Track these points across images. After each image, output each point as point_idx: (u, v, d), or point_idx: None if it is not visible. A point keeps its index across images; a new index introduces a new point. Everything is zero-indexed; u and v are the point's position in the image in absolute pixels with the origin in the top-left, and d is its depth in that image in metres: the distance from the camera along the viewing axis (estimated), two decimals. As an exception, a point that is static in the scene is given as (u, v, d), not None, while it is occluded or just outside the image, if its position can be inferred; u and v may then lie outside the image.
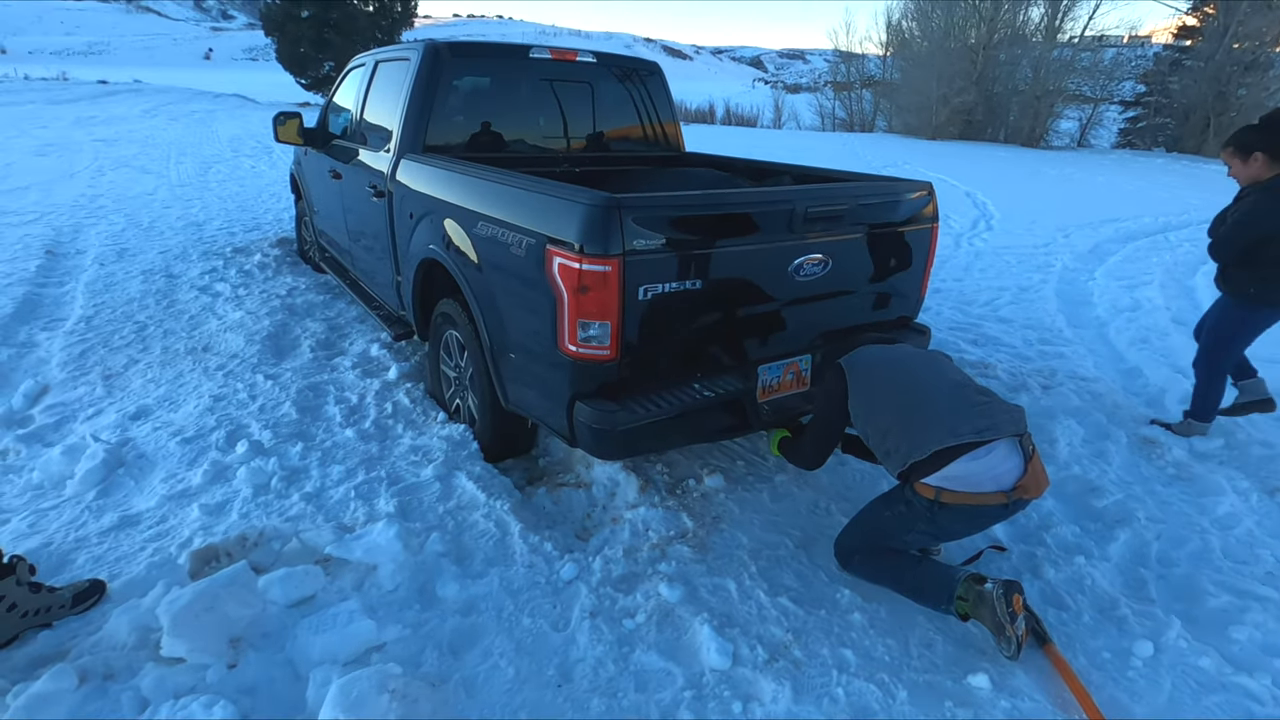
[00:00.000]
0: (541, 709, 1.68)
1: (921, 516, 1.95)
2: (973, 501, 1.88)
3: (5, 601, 1.78)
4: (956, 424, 1.92)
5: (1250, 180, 2.89)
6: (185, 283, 5.02)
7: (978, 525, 2.02)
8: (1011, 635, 1.82)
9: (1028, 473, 1.91)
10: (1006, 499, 1.89)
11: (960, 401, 2.01)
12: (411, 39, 27.50)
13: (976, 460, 1.89)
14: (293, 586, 1.86)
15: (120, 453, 2.81)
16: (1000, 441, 1.93)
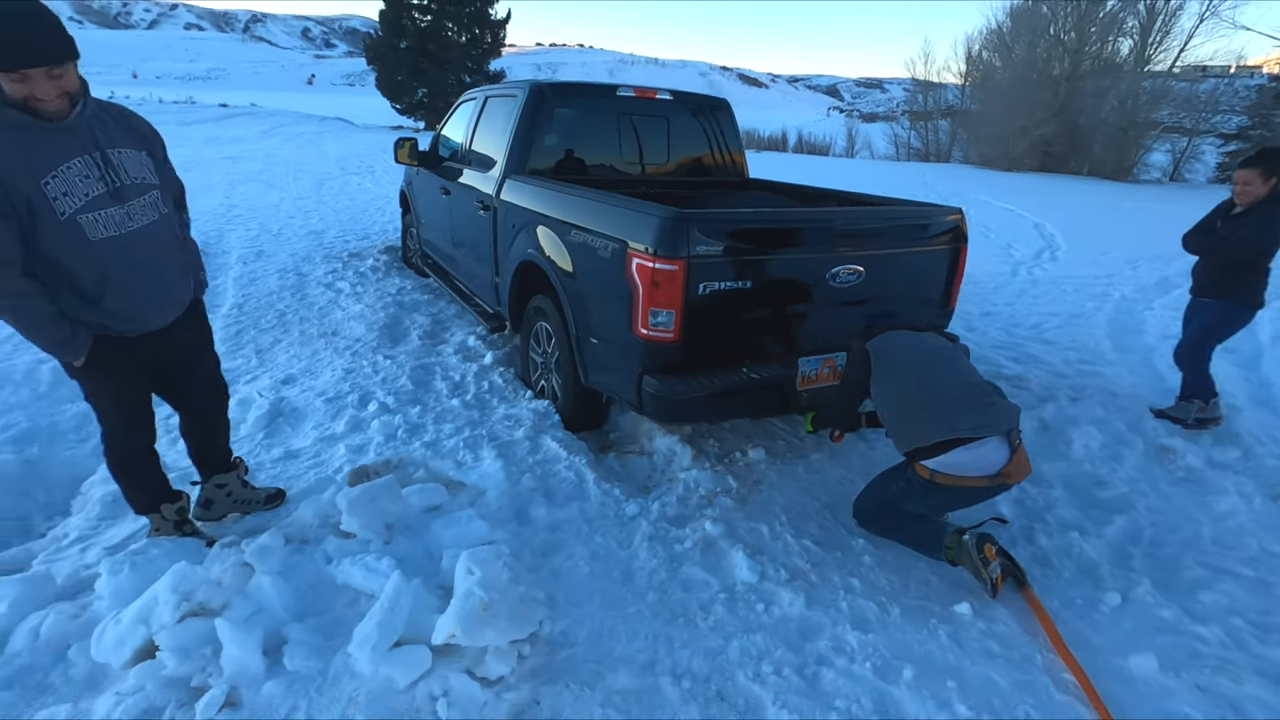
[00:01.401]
0: (609, 594, 2.20)
1: (918, 492, 2.38)
2: (962, 483, 2.31)
3: (226, 489, 2.46)
4: (959, 420, 2.31)
5: (1254, 199, 3.26)
6: (313, 280, 5.87)
7: (965, 501, 2.43)
8: (986, 577, 2.22)
9: (1012, 461, 2.31)
10: (990, 482, 2.31)
11: (966, 400, 2.39)
12: (498, 67, 29.24)
13: (971, 451, 2.29)
14: (426, 497, 2.46)
15: (279, 406, 3.53)
16: (996, 437, 2.32)
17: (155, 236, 2.08)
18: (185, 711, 1.68)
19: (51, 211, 1.83)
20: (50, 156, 1.82)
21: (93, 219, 1.90)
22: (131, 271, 2.02)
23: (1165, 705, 1.90)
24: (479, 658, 1.82)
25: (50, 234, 1.86)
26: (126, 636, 1.84)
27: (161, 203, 2.11)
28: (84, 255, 1.91)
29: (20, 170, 1.78)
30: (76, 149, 1.87)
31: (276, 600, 1.92)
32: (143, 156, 2.05)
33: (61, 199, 1.85)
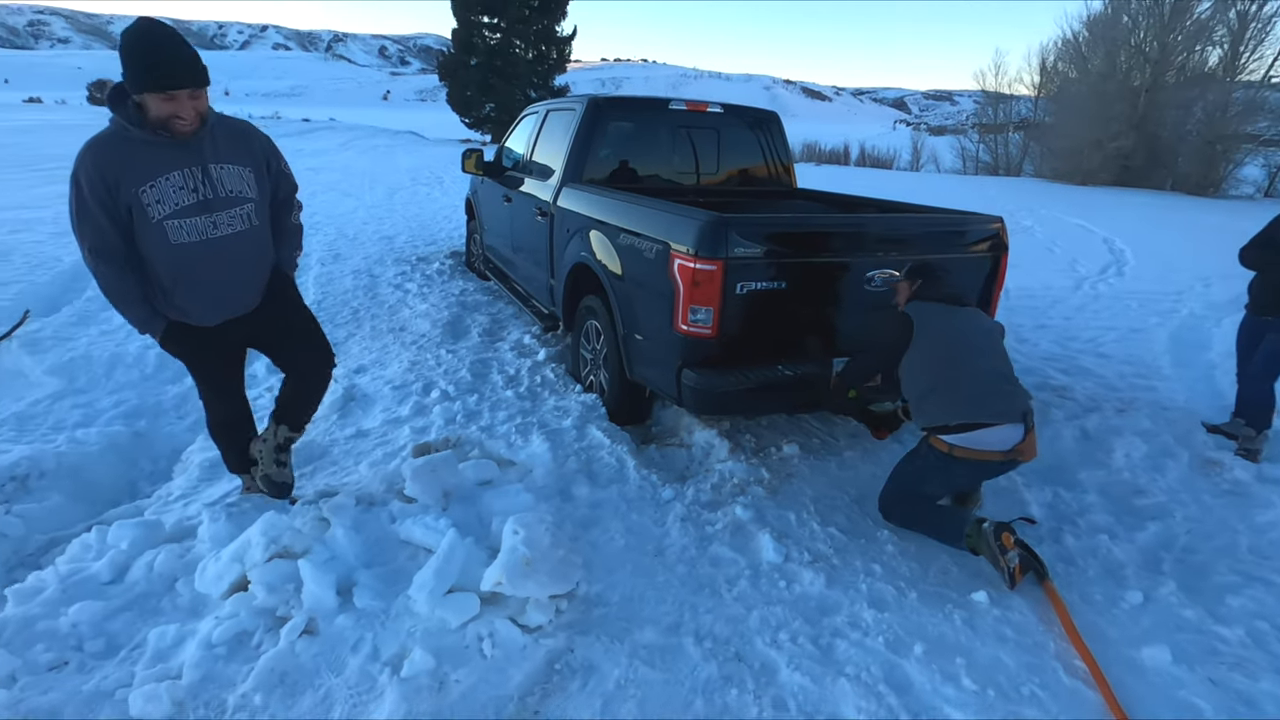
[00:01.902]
0: (641, 565, 2.39)
1: (935, 468, 2.49)
2: (979, 457, 2.41)
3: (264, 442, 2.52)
4: (983, 406, 2.45)
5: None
6: (383, 281, 6.30)
7: (980, 476, 2.54)
8: (1004, 566, 2.30)
9: (1025, 440, 2.43)
10: (1004, 457, 2.42)
11: (991, 388, 2.51)
12: (563, 82, 30.04)
13: (991, 431, 2.41)
14: (479, 472, 2.70)
15: (351, 391, 3.87)
16: (1013, 424, 2.44)
17: (235, 246, 2.26)
18: (271, 636, 1.96)
19: (145, 215, 2.07)
20: (153, 168, 2.06)
21: (177, 225, 2.12)
22: (200, 275, 2.22)
23: (1174, 695, 1.95)
24: (521, 607, 2.03)
25: (143, 233, 2.11)
26: (224, 572, 2.14)
27: (254, 215, 2.30)
28: (164, 255, 2.14)
29: (125, 179, 2.03)
30: (180, 163, 2.09)
31: (348, 549, 2.19)
32: (245, 172, 2.25)
33: (154, 205, 2.08)
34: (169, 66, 1.96)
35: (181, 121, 2.02)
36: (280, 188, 2.47)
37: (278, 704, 1.75)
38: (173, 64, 1.96)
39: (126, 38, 1.96)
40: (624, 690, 1.86)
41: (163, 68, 1.95)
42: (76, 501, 3.19)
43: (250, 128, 2.36)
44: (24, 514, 2.94)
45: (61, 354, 4.42)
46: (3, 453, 3.32)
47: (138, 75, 1.96)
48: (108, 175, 2.01)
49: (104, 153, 2.01)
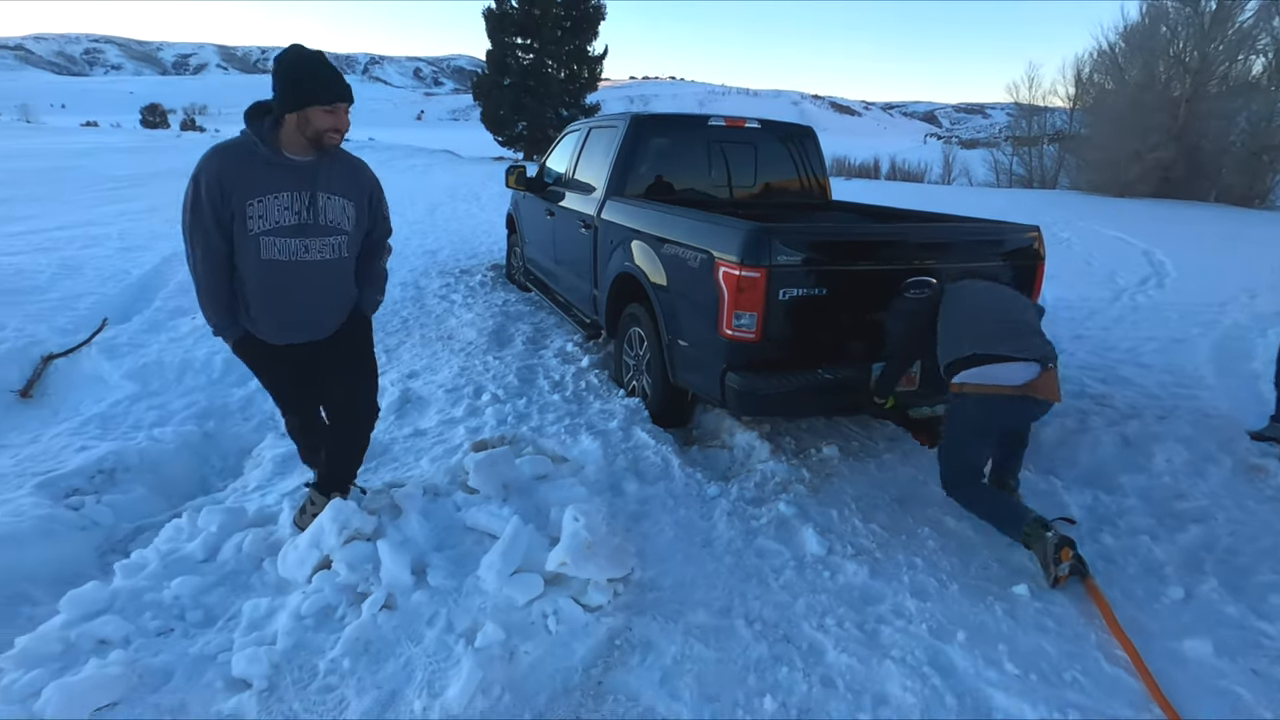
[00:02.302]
0: (691, 555, 2.51)
1: (955, 418, 2.64)
2: (988, 391, 2.54)
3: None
4: (995, 342, 2.60)
5: None
6: (430, 292, 6.55)
7: (996, 413, 2.61)
8: (1053, 573, 2.37)
9: (1041, 378, 2.53)
10: (1016, 391, 2.52)
11: (1008, 328, 2.66)
12: (594, 101, 30.56)
13: (1001, 366, 2.55)
14: (535, 467, 2.86)
15: (407, 394, 4.07)
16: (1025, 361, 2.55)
17: (320, 273, 2.34)
18: (354, 610, 2.12)
19: (245, 226, 2.18)
20: (265, 185, 2.18)
21: (270, 242, 2.22)
22: (279, 294, 2.30)
23: (1216, 684, 2.00)
24: (582, 588, 2.17)
25: (239, 243, 2.21)
26: (304, 558, 2.32)
27: (345, 247, 2.38)
28: (252, 267, 2.24)
29: (238, 188, 2.15)
30: (292, 185, 2.21)
31: (419, 534, 2.36)
32: (349, 206, 2.35)
33: (255, 219, 2.19)
34: (335, 82, 2.14)
35: (336, 135, 2.19)
36: (376, 228, 2.57)
37: (364, 669, 1.91)
38: (336, 80, 2.15)
39: (290, 59, 2.13)
40: (681, 665, 1.98)
41: (330, 83, 2.13)
42: (156, 494, 3.43)
43: (364, 166, 2.48)
44: (112, 504, 3.19)
45: (136, 359, 4.72)
46: (91, 448, 3.59)
47: (305, 89, 2.11)
48: (225, 181, 2.14)
49: (227, 160, 2.15)
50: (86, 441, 3.70)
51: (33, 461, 3.48)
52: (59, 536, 2.85)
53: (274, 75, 2.15)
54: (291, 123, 2.15)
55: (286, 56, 2.15)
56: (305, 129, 2.15)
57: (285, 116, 2.15)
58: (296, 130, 2.16)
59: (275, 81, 2.15)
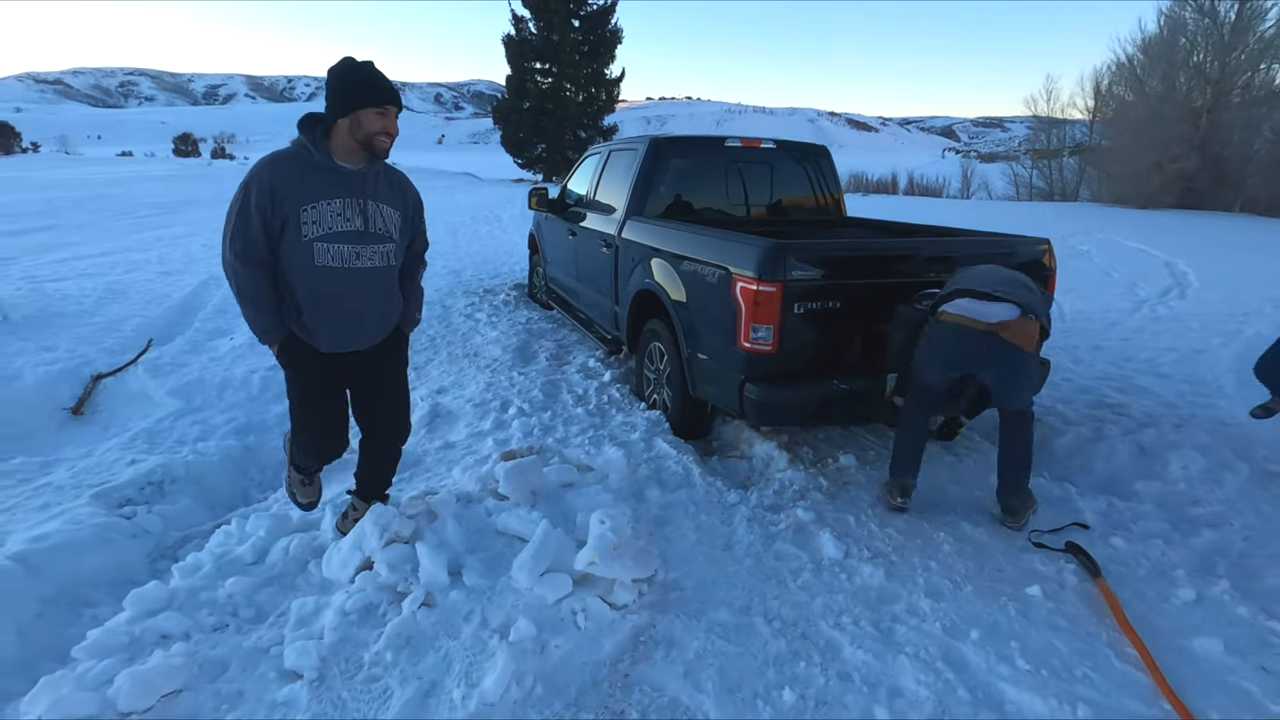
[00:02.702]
0: (712, 557, 2.61)
1: (929, 339, 2.80)
2: (960, 321, 2.69)
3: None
4: (976, 281, 2.76)
5: None
6: (455, 311, 6.75)
7: (964, 345, 2.74)
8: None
9: (1014, 322, 2.65)
10: (986, 328, 2.66)
11: (991, 273, 2.84)
12: (611, 122, 31.04)
13: (978, 302, 2.69)
14: (562, 475, 2.99)
15: (436, 409, 4.23)
16: (1009, 303, 2.67)
17: (370, 281, 2.38)
18: (394, 607, 2.26)
19: (298, 232, 2.21)
20: (318, 191, 2.22)
21: (324, 248, 2.25)
22: (329, 299, 2.31)
23: (1225, 680, 2.06)
24: (609, 588, 2.29)
25: (291, 249, 2.23)
26: (347, 559, 2.46)
27: (393, 255, 2.43)
28: (306, 273, 2.25)
29: (290, 195, 2.19)
30: (345, 192, 2.26)
31: (454, 536, 2.49)
32: (396, 215, 2.41)
33: (310, 225, 2.22)
34: (385, 86, 2.22)
35: (386, 139, 2.25)
36: (416, 240, 2.62)
37: (406, 661, 2.04)
38: (386, 84, 2.23)
39: (343, 66, 2.22)
40: (703, 659, 2.08)
41: (380, 87, 2.21)
42: (201, 504, 3.62)
43: (408, 180, 2.54)
44: (162, 513, 3.37)
45: (180, 378, 4.95)
46: (140, 462, 3.79)
47: (357, 91, 2.19)
48: (278, 188, 2.17)
49: (282, 168, 2.20)
50: (136, 455, 3.91)
51: (87, 474, 3.69)
52: (114, 544, 3.03)
53: (328, 83, 2.25)
54: (344, 127, 2.21)
55: (339, 65, 2.23)
56: (356, 132, 2.20)
57: (338, 122, 2.21)
58: (348, 134, 2.21)
59: (329, 88, 2.24)
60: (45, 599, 2.64)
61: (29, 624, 2.48)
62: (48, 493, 3.45)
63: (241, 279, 2.24)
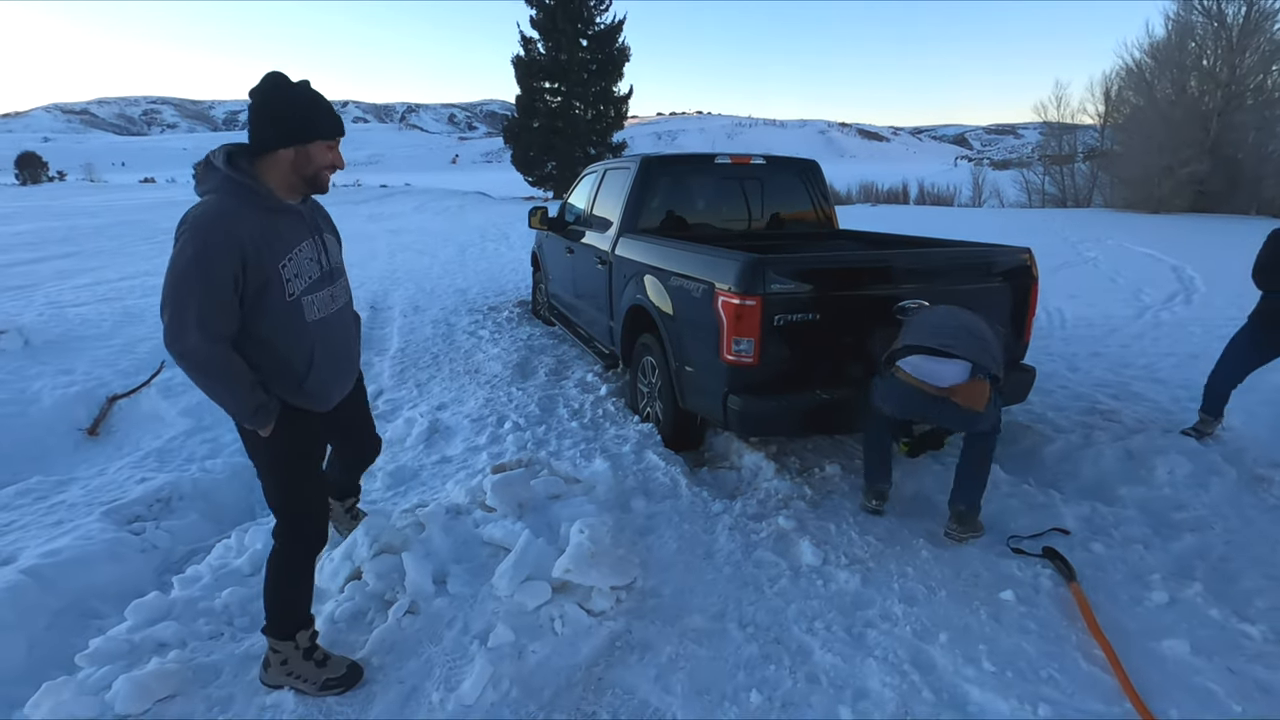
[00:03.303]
0: (692, 565, 2.68)
1: (885, 387, 2.86)
2: (914, 383, 2.73)
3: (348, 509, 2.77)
4: (929, 337, 2.78)
5: None
6: (459, 329, 6.89)
7: (918, 402, 2.81)
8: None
9: (966, 384, 2.69)
10: (937, 393, 2.71)
11: (946, 327, 2.83)
12: (621, 139, 31.38)
13: (932, 362, 2.72)
14: (549, 487, 3.07)
15: (435, 425, 4.34)
16: (961, 362, 2.69)
17: (346, 318, 2.18)
18: (381, 615, 2.35)
19: (282, 292, 1.88)
20: (289, 238, 1.91)
21: (310, 300, 1.97)
22: (331, 352, 2.07)
23: (1190, 681, 2.08)
24: (587, 595, 2.36)
25: (274, 313, 1.88)
26: (338, 569, 2.56)
27: (348, 287, 2.24)
28: (299, 335, 1.94)
29: (265, 250, 1.83)
30: (305, 232, 1.97)
31: (441, 547, 2.58)
32: (335, 244, 2.17)
33: (293, 280, 1.91)
34: (335, 115, 1.92)
35: (332, 172, 1.98)
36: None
37: (390, 665, 2.13)
38: (335, 113, 1.93)
39: (288, 90, 1.87)
40: (675, 663, 2.15)
41: (333, 116, 1.91)
42: (208, 520, 3.73)
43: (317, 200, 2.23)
44: (170, 529, 3.49)
45: (190, 398, 5.10)
46: (150, 479, 3.92)
47: (314, 121, 1.89)
48: (247, 245, 1.80)
49: (239, 220, 1.80)
50: (146, 473, 4.05)
51: (100, 492, 3.83)
52: (123, 558, 3.16)
53: (265, 108, 1.86)
54: (286, 160, 1.88)
55: (280, 87, 1.87)
56: (305, 166, 1.90)
57: (277, 153, 1.87)
58: (291, 169, 1.89)
59: (269, 114, 1.86)
60: (55, 611, 2.76)
61: (39, 635, 2.60)
62: (61, 510, 3.59)
63: (216, 362, 1.82)
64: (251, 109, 1.88)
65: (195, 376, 1.84)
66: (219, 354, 1.82)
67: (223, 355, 1.82)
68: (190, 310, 1.76)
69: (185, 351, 1.79)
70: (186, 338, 1.77)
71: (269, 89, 1.86)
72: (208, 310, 1.77)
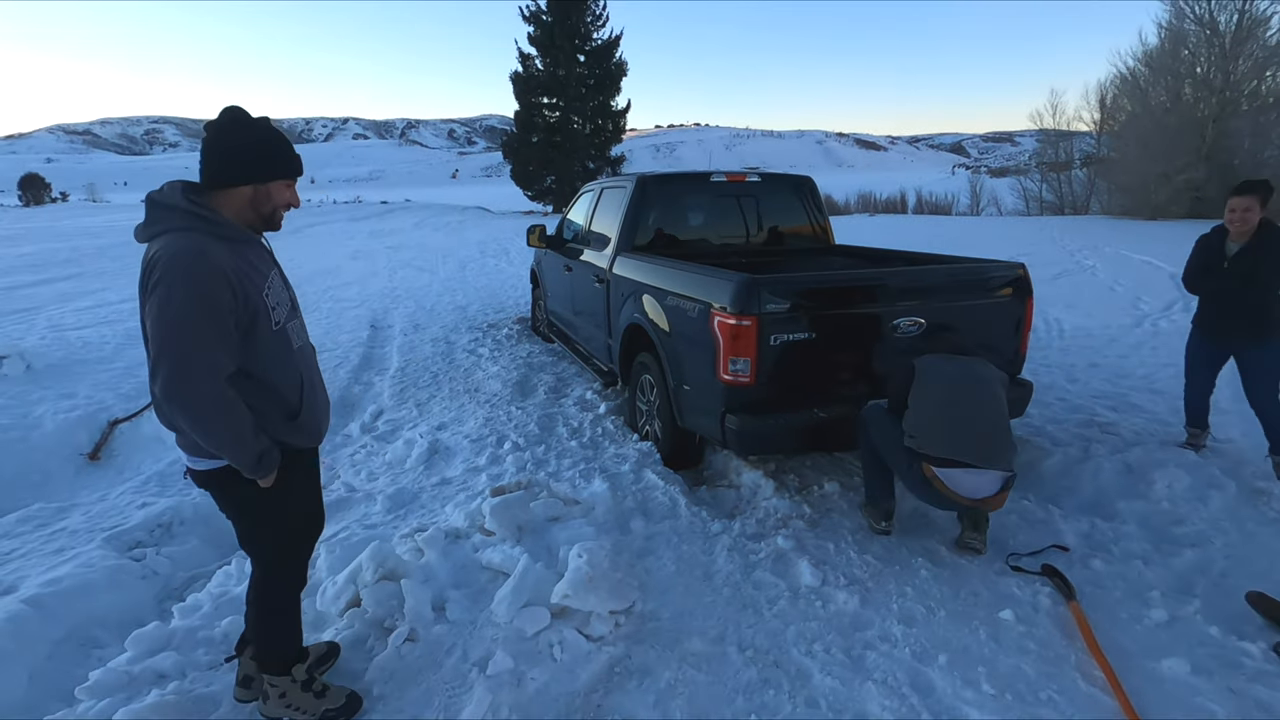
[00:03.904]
0: (691, 588, 2.68)
1: (912, 474, 2.82)
2: (951, 496, 2.71)
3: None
4: (972, 450, 2.73)
5: (1250, 229, 3.54)
6: (459, 347, 6.92)
7: (943, 504, 2.85)
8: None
9: (997, 496, 2.73)
10: (971, 504, 2.74)
11: (984, 435, 2.78)
12: (619, 152, 31.57)
13: (971, 475, 2.71)
14: (548, 509, 3.08)
15: (435, 445, 4.36)
16: (995, 473, 2.71)
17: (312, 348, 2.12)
18: (381, 642, 2.36)
19: (269, 321, 1.82)
20: (261, 268, 1.86)
21: (292, 328, 1.94)
22: (314, 381, 2.02)
23: (1191, 702, 2.08)
24: (585, 620, 2.36)
25: (265, 345, 1.82)
26: (341, 592, 2.57)
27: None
28: (288, 365, 1.89)
29: (250, 281, 1.78)
30: (271, 261, 1.94)
31: (440, 572, 2.59)
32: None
33: (276, 309, 1.86)
34: (295, 153, 1.88)
35: (288, 210, 1.93)
36: None
37: (391, 694, 2.13)
38: (293, 151, 1.88)
39: (246, 127, 1.81)
40: (674, 689, 2.15)
41: (293, 154, 1.87)
42: (209, 545, 3.74)
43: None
44: (170, 555, 3.50)
45: (191, 420, 5.12)
46: (151, 505, 3.93)
47: (278, 160, 1.84)
48: (234, 275, 1.73)
49: (219, 250, 1.72)
50: (147, 498, 4.06)
51: (101, 517, 3.84)
52: (124, 585, 3.16)
53: (222, 143, 1.80)
54: (244, 197, 1.82)
55: (239, 124, 1.81)
56: (263, 205, 1.85)
57: (237, 189, 1.81)
58: (249, 206, 1.83)
59: (228, 150, 1.80)
60: (56, 641, 2.76)
61: (40, 665, 2.60)
62: (62, 537, 3.60)
63: (223, 407, 1.71)
64: (208, 144, 1.81)
65: (200, 425, 1.71)
66: (227, 398, 1.72)
67: (230, 398, 1.73)
68: (196, 354, 1.65)
69: (195, 399, 1.67)
70: (196, 385, 1.66)
71: (229, 125, 1.80)
72: (214, 350, 1.68)
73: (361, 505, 3.62)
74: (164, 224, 1.73)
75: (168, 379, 1.65)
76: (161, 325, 1.64)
